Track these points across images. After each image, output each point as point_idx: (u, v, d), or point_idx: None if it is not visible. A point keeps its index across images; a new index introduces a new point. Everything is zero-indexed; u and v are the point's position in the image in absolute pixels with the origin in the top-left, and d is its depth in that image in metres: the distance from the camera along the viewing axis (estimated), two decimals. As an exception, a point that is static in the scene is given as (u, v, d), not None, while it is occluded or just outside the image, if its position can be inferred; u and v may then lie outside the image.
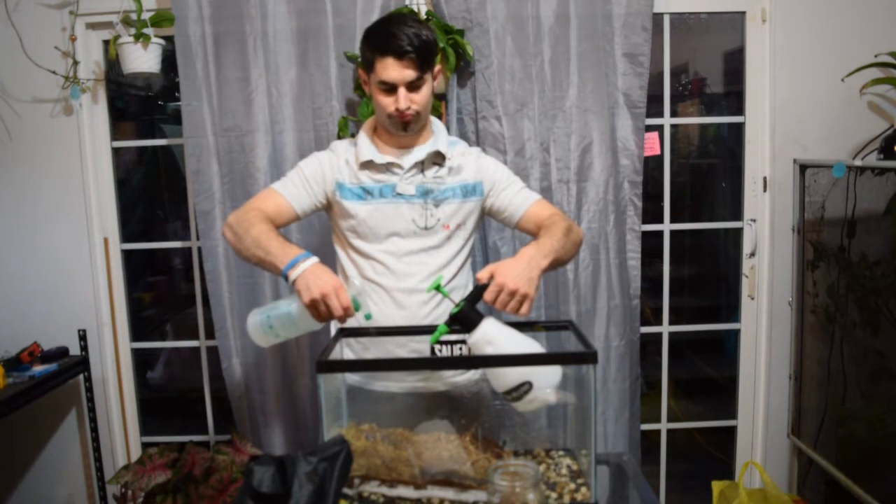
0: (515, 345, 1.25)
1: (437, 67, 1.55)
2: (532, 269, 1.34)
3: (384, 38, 1.45)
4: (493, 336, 1.24)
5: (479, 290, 1.30)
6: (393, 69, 1.46)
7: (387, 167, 1.56)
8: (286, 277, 1.35)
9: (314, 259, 1.36)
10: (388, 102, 1.50)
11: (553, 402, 1.24)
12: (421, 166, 1.57)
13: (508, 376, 1.21)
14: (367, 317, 1.39)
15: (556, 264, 1.44)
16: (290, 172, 1.61)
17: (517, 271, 1.31)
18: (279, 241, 1.41)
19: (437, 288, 1.33)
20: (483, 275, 1.32)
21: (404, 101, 1.48)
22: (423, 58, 1.46)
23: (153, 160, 2.70)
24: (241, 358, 2.34)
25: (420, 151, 1.57)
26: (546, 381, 1.22)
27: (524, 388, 1.20)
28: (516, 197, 1.61)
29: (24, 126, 2.34)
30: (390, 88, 1.48)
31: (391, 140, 1.58)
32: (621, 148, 2.29)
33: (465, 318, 1.25)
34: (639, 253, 2.34)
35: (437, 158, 1.58)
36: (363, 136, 1.59)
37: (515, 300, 1.30)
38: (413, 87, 1.49)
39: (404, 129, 1.53)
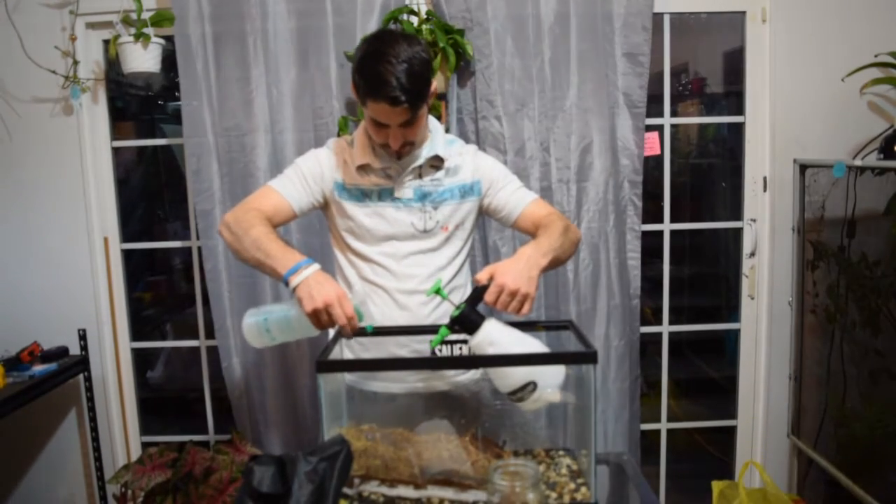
0: (518, 345, 1.25)
1: (434, 86, 1.49)
2: (531, 268, 1.32)
3: (376, 83, 1.37)
4: (495, 337, 1.24)
5: (479, 291, 1.29)
6: (385, 114, 1.41)
7: (384, 171, 1.55)
8: (287, 283, 1.33)
9: (316, 266, 1.33)
10: (379, 135, 1.47)
11: (558, 400, 1.23)
12: (419, 170, 1.56)
13: (513, 377, 1.21)
14: (369, 328, 1.37)
15: (555, 263, 1.43)
16: (288, 170, 1.59)
17: (516, 271, 1.30)
18: (280, 245, 1.38)
19: (437, 291, 1.31)
20: (482, 276, 1.31)
21: (396, 140, 1.45)
22: (416, 100, 1.40)
23: (153, 160, 2.70)
24: (241, 358, 2.34)
25: (418, 156, 1.55)
26: (550, 380, 1.21)
27: (529, 388, 1.20)
28: (513, 196, 1.60)
29: (24, 126, 2.34)
30: (382, 125, 1.45)
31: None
32: (621, 148, 2.29)
33: (467, 320, 1.24)
34: (639, 253, 2.34)
35: (436, 161, 1.56)
36: (360, 139, 1.56)
37: (516, 300, 1.28)
38: (406, 124, 1.43)
39: (397, 157, 1.53)
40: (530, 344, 1.26)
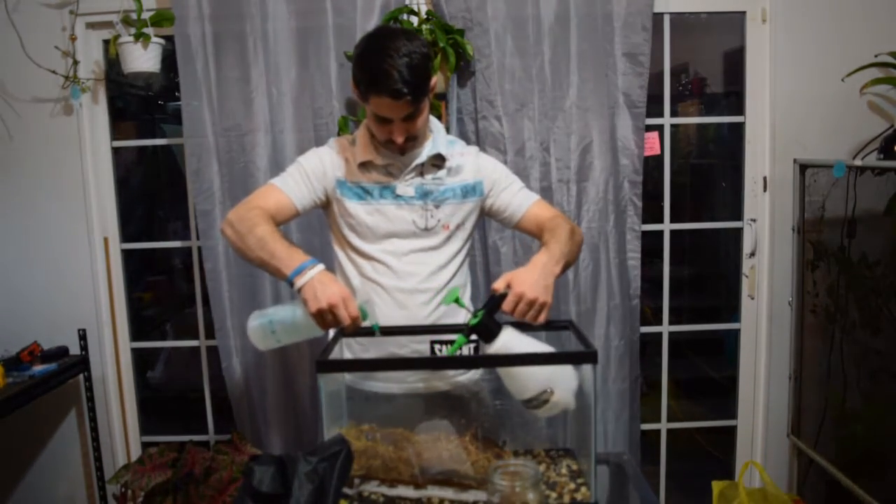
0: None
1: (434, 80, 1.50)
2: (547, 276, 1.35)
3: (378, 77, 1.38)
4: (513, 346, 1.24)
5: (498, 299, 1.30)
6: (388, 108, 1.42)
7: (386, 169, 1.55)
8: (291, 284, 1.33)
9: (320, 266, 1.34)
10: (383, 131, 1.48)
11: (573, 407, 1.24)
12: (420, 168, 1.56)
13: (528, 384, 1.21)
14: (375, 327, 1.37)
15: (565, 269, 1.45)
16: (290, 168, 1.60)
17: (533, 280, 1.32)
18: (284, 245, 1.39)
19: (456, 300, 1.33)
20: (500, 284, 1.32)
21: (400, 134, 1.46)
22: (418, 93, 1.41)
23: (153, 160, 2.70)
24: (241, 358, 2.34)
25: (420, 154, 1.56)
26: (566, 386, 1.22)
27: (545, 395, 1.20)
28: (516, 197, 1.61)
29: (24, 126, 2.34)
30: (385, 120, 1.45)
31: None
32: (621, 148, 2.29)
33: (485, 328, 1.25)
34: (639, 253, 2.34)
35: (437, 160, 1.57)
36: (362, 136, 1.57)
37: (534, 309, 1.31)
38: (409, 117, 1.45)
39: (401, 153, 1.53)
40: (546, 351, 1.27)
